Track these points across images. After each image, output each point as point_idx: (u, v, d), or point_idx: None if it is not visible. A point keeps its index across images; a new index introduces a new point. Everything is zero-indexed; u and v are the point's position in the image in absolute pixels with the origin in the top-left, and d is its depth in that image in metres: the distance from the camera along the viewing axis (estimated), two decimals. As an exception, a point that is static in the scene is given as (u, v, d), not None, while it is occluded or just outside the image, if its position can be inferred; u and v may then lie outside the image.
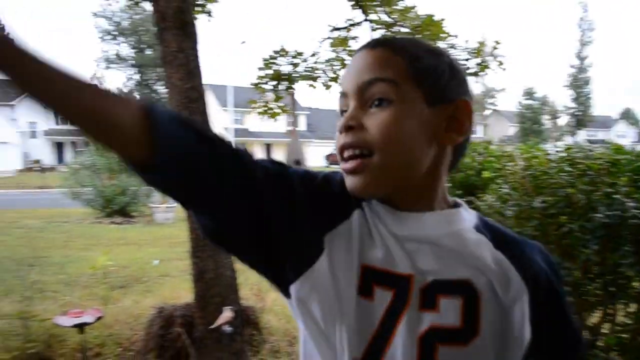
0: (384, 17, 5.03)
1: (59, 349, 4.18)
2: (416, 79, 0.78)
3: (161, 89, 70.17)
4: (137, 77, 70.17)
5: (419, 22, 4.82)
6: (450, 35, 4.87)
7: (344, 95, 0.82)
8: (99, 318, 3.55)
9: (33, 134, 43.57)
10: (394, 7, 4.89)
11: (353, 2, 4.92)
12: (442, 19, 4.81)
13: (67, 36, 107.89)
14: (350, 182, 0.78)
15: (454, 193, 4.30)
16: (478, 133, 52.94)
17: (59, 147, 44.56)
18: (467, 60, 4.97)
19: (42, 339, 4.24)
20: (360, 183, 0.77)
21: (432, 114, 0.79)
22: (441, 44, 4.84)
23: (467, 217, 0.84)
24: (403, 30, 4.91)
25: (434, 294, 0.76)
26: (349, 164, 0.78)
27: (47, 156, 42.79)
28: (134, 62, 69.68)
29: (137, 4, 6.02)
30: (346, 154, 0.78)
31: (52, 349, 4.19)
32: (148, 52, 68.65)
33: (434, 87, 0.79)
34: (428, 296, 0.76)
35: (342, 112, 0.82)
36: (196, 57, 3.72)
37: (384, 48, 0.80)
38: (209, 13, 6.43)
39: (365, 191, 0.78)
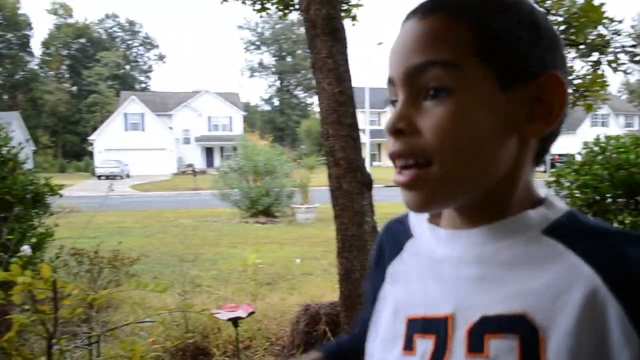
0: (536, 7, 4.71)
1: (214, 341, 4.44)
2: (484, 55, 0.58)
3: (300, 93, 72.88)
4: (278, 83, 73.50)
5: (575, 9, 4.44)
6: (613, 21, 4.41)
7: (391, 82, 0.64)
8: (251, 313, 3.70)
9: (186, 140, 47.44)
10: (547, -6, 4.56)
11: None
12: (603, 3, 4.39)
13: (216, 47, 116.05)
14: (405, 197, 0.62)
15: (614, 193, 3.93)
16: (635, 125, 48.06)
17: (209, 151, 48.01)
18: (633, 47, 4.48)
19: (199, 330, 4.54)
20: (417, 199, 0.61)
21: (508, 100, 0.59)
22: (603, 31, 4.41)
23: (539, 218, 0.62)
24: (557, 19, 4.55)
25: (482, 335, 0.59)
26: (402, 177, 0.61)
27: (198, 160, 46.32)
28: (274, 69, 73.12)
29: (285, 14, 6.24)
30: (398, 163, 0.62)
31: (208, 339, 4.47)
32: (288, 59, 71.71)
33: (509, 61, 0.59)
34: (474, 337, 0.60)
35: (392, 102, 0.64)
36: (345, 61, 3.78)
37: (439, 15, 0.60)
38: (354, 17, 6.51)
39: (424, 208, 0.63)
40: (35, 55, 69.47)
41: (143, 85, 73.27)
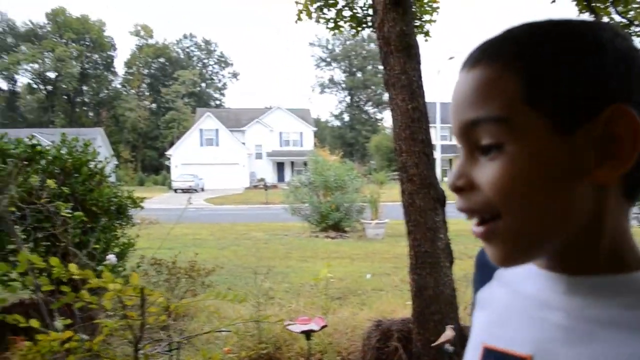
0: (618, 18, 4.54)
1: (286, 352, 4.51)
2: (534, 102, 0.53)
3: (370, 109, 72.92)
4: (348, 99, 73.93)
5: (662, 20, 4.25)
6: None
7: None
8: (323, 326, 3.75)
9: (259, 155, 48.51)
10: (631, 5, 4.38)
11: (580, 6, 4.54)
12: (692, 13, 4.17)
13: (287, 64, 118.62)
14: (487, 251, 0.60)
15: None
16: None
17: (280, 166, 48.86)
18: None
19: (272, 341, 4.62)
20: (497, 253, 0.59)
21: (569, 144, 0.53)
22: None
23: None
24: (642, 30, 4.36)
25: None
26: (477, 230, 0.59)
27: (269, 175, 47.21)
28: (344, 85, 73.64)
29: (358, 32, 6.34)
30: (468, 216, 0.60)
31: (280, 351, 4.54)
32: (358, 75, 72.05)
33: (564, 102, 0.52)
34: None
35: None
36: (419, 78, 3.79)
37: (483, 65, 0.56)
38: (426, 33, 6.51)
39: (506, 262, 0.59)
40: (118, 75, 73.58)
41: (217, 102, 75.75)
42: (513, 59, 0.55)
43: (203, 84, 75.52)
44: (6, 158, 5.72)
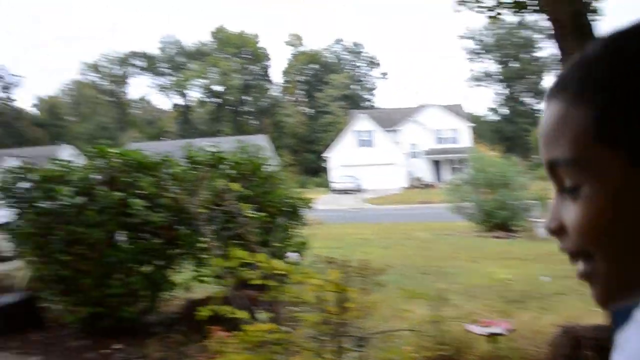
0: None
1: (467, 355, 4.41)
2: (608, 138, 0.48)
3: (527, 99, 68.86)
4: (505, 91, 70.56)
5: None
6: None
7: None
8: (510, 330, 3.61)
9: (414, 154, 48.20)
10: None
11: None
12: None
13: (436, 60, 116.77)
14: (590, 291, 0.56)
15: None
16: None
17: (437, 165, 48.05)
18: None
19: (451, 343, 4.55)
20: (595, 294, 0.54)
21: None
22: None
23: None
24: None
25: None
26: (577, 270, 0.55)
27: (426, 174, 46.66)
28: (500, 76, 70.36)
29: (522, 17, 6.05)
30: (570, 258, 0.56)
31: (460, 353, 4.46)
32: (513, 64, 68.41)
33: None
34: None
35: None
36: None
37: (557, 100, 0.52)
38: (596, 11, 6.02)
39: (603, 305, 0.54)
40: (274, 83, 77.74)
41: (368, 102, 76.64)
42: (581, 90, 0.50)
43: (354, 86, 76.92)
44: (194, 165, 6.37)
